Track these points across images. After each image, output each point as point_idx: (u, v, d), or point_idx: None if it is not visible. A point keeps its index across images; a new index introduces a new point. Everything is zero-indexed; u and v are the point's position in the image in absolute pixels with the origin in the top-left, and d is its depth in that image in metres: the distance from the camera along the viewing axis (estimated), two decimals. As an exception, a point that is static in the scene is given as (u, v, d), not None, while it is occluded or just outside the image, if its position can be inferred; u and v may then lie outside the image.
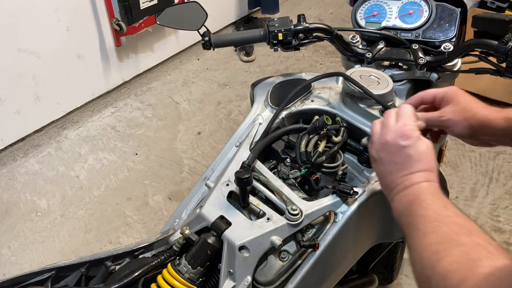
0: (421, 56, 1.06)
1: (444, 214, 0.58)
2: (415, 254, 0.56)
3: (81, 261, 0.86)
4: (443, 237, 0.54)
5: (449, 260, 0.50)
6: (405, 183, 0.65)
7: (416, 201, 0.61)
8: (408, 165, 0.66)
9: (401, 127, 0.69)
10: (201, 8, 1.15)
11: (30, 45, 2.24)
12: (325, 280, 0.94)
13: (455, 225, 0.55)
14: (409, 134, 0.68)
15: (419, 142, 0.68)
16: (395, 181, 0.67)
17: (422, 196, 0.62)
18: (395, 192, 0.67)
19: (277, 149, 1.02)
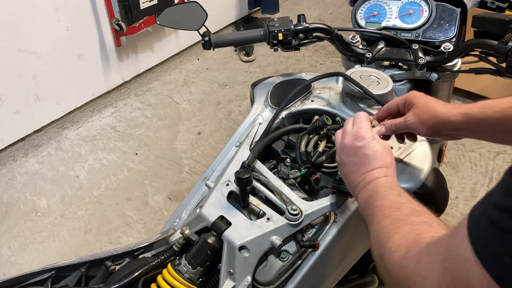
0: (421, 56, 1.06)
1: (397, 201, 0.65)
2: (373, 238, 0.63)
3: (81, 261, 0.86)
4: (395, 219, 0.61)
5: (398, 236, 0.56)
6: (365, 180, 0.71)
7: (374, 194, 0.67)
8: (365, 163, 0.72)
9: (356, 131, 0.76)
10: (201, 8, 1.15)
11: (30, 45, 2.24)
12: (325, 280, 0.94)
13: (407, 209, 0.61)
14: (363, 135, 0.75)
15: (373, 142, 0.74)
16: (356, 180, 0.73)
17: (379, 189, 0.68)
18: (358, 190, 0.72)
19: (277, 149, 1.02)
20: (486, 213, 0.42)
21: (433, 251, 0.49)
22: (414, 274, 0.50)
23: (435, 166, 0.92)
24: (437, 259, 0.47)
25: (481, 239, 0.42)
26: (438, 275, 0.46)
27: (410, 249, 0.53)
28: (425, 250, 0.50)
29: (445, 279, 0.45)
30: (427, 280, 0.48)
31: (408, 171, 0.89)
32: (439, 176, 0.91)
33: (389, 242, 0.57)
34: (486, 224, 0.41)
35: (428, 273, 0.48)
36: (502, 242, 0.40)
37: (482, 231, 0.42)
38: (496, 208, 0.41)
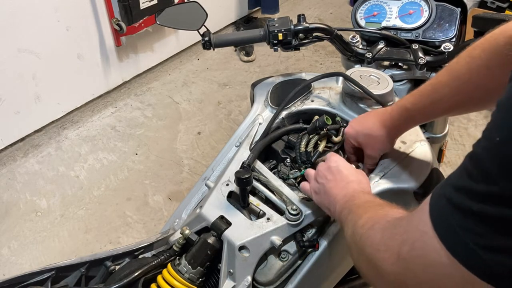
0: (421, 56, 1.06)
1: (371, 199, 0.70)
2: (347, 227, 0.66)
3: (81, 261, 0.86)
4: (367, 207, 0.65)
5: (368, 215, 0.61)
6: (343, 192, 0.75)
7: (350, 199, 0.72)
8: (341, 178, 0.78)
9: (328, 157, 0.83)
10: (201, 8, 1.15)
11: (30, 45, 2.24)
12: (325, 280, 0.94)
13: (380, 203, 0.66)
14: (334, 158, 0.82)
15: (344, 162, 0.81)
16: (335, 193, 0.76)
17: (355, 194, 0.73)
18: (337, 201, 0.75)
19: (277, 149, 1.02)
20: (445, 191, 0.45)
21: (397, 224, 0.53)
22: (379, 243, 0.54)
23: (435, 166, 0.92)
24: (399, 230, 0.51)
25: (439, 215, 0.45)
26: (398, 245, 0.49)
27: (377, 222, 0.57)
28: (390, 224, 0.54)
29: (404, 250, 0.48)
30: (389, 249, 0.51)
31: (408, 171, 0.89)
32: (439, 176, 0.91)
33: (359, 220, 0.62)
34: (443, 201, 0.44)
35: (390, 243, 0.51)
36: (456, 218, 0.42)
37: (440, 208, 0.45)
38: (453, 188, 0.44)
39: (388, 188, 0.87)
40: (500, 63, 0.64)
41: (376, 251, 0.53)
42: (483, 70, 0.68)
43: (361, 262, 0.59)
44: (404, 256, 0.48)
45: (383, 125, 0.86)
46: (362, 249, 0.57)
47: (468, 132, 2.48)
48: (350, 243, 0.64)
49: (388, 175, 0.89)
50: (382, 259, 0.52)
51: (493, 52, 0.65)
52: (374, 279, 0.56)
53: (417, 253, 0.47)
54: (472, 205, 0.40)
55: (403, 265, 0.48)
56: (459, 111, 0.81)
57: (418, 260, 0.46)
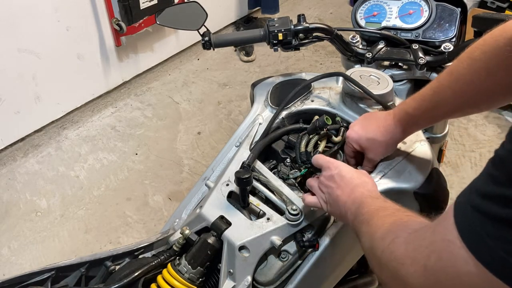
0: (421, 56, 1.06)
1: (383, 205, 0.68)
2: (363, 238, 0.65)
3: (81, 261, 0.86)
4: (382, 216, 0.64)
5: (386, 226, 0.60)
6: (350, 197, 0.73)
7: (360, 205, 0.70)
8: (345, 183, 0.76)
9: (326, 166, 0.81)
10: (201, 8, 1.15)
11: (30, 45, 2.24)
12: (325, 280, 0.94)
13: (393, 209, 0.65)
14: (333, 165, 0.80)
15: (344, 166, 0.80)
16: (343, 200, 0.74)
17: (364, 200, 0.71)
18: (346, 208, 0.73)
19: (277, 149, 1.02)
20: (470, 199, 0.44)
21: (420, 236, 0.51)
22: (403, 257, 0.52)
23: (435, 166, 0.92)
24: (424, 243, 0.49)
25: (466, 224, 0.44)
26: (424, 257, 0.48)
27: (399, 235, 0.55)
28: (412, 235, 0.53)
29: (431, 261, 0.47)
30: (415, 262, 0.50)
31: (408, 171, 0.89)
32: (439, 176, 0.91)
33: (377, 233, 0.60)
34: (469, 210, 0.43)
35: (416, 255, 0.50)
36: (484, 226, 0.41)
37: (466, 217, 0.44)
38: (478, 195, 0.43)
39: (388, 188, 0.87)
40: (500, 64, 0.64)
41: (401, 265, 0.52)
42: (484, 72, 0.67)
43: (384, 275, 0.58)
44: (432, 268, 0.47)
45: (386, 130, 0.86)
46: (386, 264, 0.56)
47: (468, 132, 2.48)
48: (369, 255, 0.63)
49: (388, 175, 0.89)
50: (408, 273, 0.51)
51: (493, 54, 0.65)
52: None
53: (444, 263, 0.46)
54: (501, 211, 0.39)
55: (430, 277, 0.47)
56: (461, 113, 0.80)
57: (446, 270, 0.45)
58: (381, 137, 0.86)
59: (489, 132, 2.47)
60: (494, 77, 0.66)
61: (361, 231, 0.66)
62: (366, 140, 0.88)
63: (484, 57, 0.67)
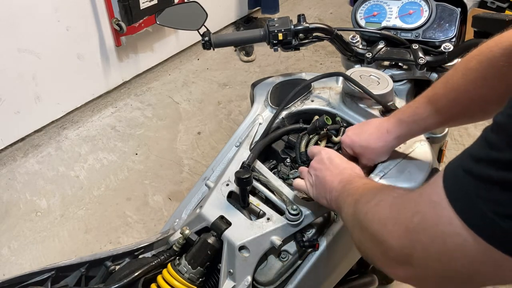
0: (421, 56, 1.06)
1: (369, 181, 0.71)
2: (346, 208, 0.66)
3: (81, 261, 0.86)
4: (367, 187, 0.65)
5: (372, 191, 0.61)
6: (338, 178, 0.76)
7: (347, 184, 0.72)
8: (335, 166, 0.79)
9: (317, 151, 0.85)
10: (201, 8, 1.15)
11: (30, 45, 2.24)
12: (325, 280, 0.94)
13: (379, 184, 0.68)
14: (324, 150, 0.84)
15: (333, 151, 0.84)
16: (332, 180, 0.76)
17: (352, 179, 0.73)
18: (333, 187, 0.75)
19: (277, 149, 1.02)
20: (462, 163, 0.44)
21: (407, 198, 0.51)
22: (386, 218, 0.52)
23: (435, 166, 0.92)
24: (409, 205, 0.50)
25: (455, 186, 0.44)
26: (407, 218, 0.48)
27: (384, 198, 0.56)
28: (398, 198, 0.53)
29: (413, 222, 0.47)
30: (397, 223, 0.50)
31: (408, 171, 0.89)
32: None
33: (363, 198, 0.61)
34: (461, 172, 0.43)
35: (399, 216, 0.50)
36: (475, 188, 0.41)
37: (456, 179, 0.44)
38: (472, 159, 0.43)
39: (388, 188, 0.87)
40: (496, 74, 0.65)
41: (383, 226, 0.52)
42: (479, 82, 0.68)
43: (364, 239, 0.58)
44: (413, 228, 0.47)
45: (379, 138, 0.86)
46: (367, 225, 0.56)
47: (468, 132, 2.48)
48: (351, 222, 0.63)
49: (388, 175, 0.89)
50: (388, 233, 0.51)
51: (489, 64, 0.65)
52: (376, 255, 0.54)
53: (428, 224, 0.46)
54: (494, 173, 0.39)
55: (411, 237, 0.47)
56: (456, 122, 0.81)
57: (428, 231, 0.45)
58: (374, 144, 0.87)
59: (489, 132, 2.46)
60: (489, 87, 0.67)
61: (345, 202, 0.67)
62: (359, 146, 0.89)
63: (479, 67, 0.67)
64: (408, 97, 1.13)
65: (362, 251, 0.60)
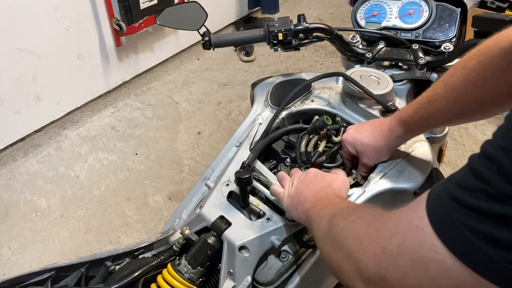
0: (421, 56, 1.06)
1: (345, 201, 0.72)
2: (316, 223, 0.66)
3: (81, 261, 0.86)
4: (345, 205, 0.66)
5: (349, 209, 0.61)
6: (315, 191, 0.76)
7: (323, 197, 0.73)
8: (317, 180, 0.79)
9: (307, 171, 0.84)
10: (201, 8, 1.15)
11: (30, 45, 2.24)
12: (325, 280, 0.94)
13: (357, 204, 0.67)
14: (312, 169, 0.84)
15: (319, 172, 0.83)
16: (307, 193, 0.77)
17: (329, 195, 0.74)
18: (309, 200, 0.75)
19: (277, 149, 1.02)
20: (448, 190, 0.43)
21: (386, 218, 0.50)
22: (363, 235, 0.51)
23: (435, 166, 0.92)
24: (389, 225, 0.48)
25: (439, 212, 0.43)
26: (386, 239, 0.47)
27: (362, 215, 0.55)
28: (377, 217, 0.52)
29: (392, 244, 0.46)
30: (374, 243, 0.48)
31: (408, 171, 0.89)
32: (439, 176, 0.91)
33: (339, 213, 0.60)
34: (446, 198, 0.43)
35: (377, 236, 0.49)
36: (461, 216, 0.41)
37: (441, 205, 0.43)
38: (459, 187, 0.42)
39: (388, 188, 0.87)
40: (495, 74, 0.65)
41: (359, 243, 0.50)
42: (478, 82, 0.68)
43: (335, 255, 0.56)
44: (391, 251, 0.46)
45: (380, 137, 0.86)
46: (342, 241, 0.54)
47: (468, 132, 2.48)
48: (323, 236, 0.62)
49: (388, 175, 0.89)
50: (364, 251, 0.49)
51: (488, 64, 0.65)
52: (348, 273, 0.52)
53: (408, 248, 0.45)
54: (483, 204, 0.39)
55: (388, 259, 0.46)
56: (455, 122, 0.81)
57: (408, 255, 0.44)
58: (375, 143, 0.87)
59: (489, 132, 2.46)
60: (489, 87, 0.67)
61: (318, 215, 0.66)
62: (360, 145, 0.89)
63: (478, 67, 0.67)
64: (408, 97, 1.13)
65: (331, 267, 0.58)
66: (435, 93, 0.76)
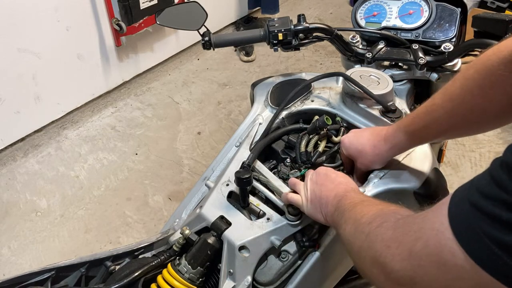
0: (421, 56, 1.06)
1: (367, 198, 0.71)
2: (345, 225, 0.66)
3: (81, 261, 0.86)
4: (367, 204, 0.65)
5: (373, 212, 0.61)
6: (333, 192, 0.77)
7: (342, 198, 0.73)
8: (331, 179, 0.80)
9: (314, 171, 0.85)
10: (201, 8, 1.15)
11: (30, 45, 2.24)
12: (325, 280, 0.94)
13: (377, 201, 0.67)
14: (320, 168, 0.85)
15: (325, 168, 0.85)
16: (328, 195, 0.77)
17: (347, 194, 0.74)
18: (328, 201, 0.76)
19: (277, 149, 1.02)
20: (470, 196, 0.44)
21: (410, 221, 0.51)
22: (390, 240, 0.52)
23: (435, 166, 0.92)
24: (413, 228, 0.50)
25: (460, 218, 0.44)
26: (411, 241, 0.48)
27: (387, 220, 0.56)
28: (402, 220, 0.53)
29: (416, 247, 0.47)
30: (401, 246, 0.50)
31: (408, 171, 0.89)
32: (439, 176, 0.91)
33: (363, 218, 0.61)
34: (467, 205, 0.43)
35: (403, 239, 0.50)
36: (481, 224, 0.41)
37: (462, 211, 0.44)
38: (481, 194, 0.43)
39: (388, 188, 0.87)
40: (494, 83, 0.64)
41: (387, 248, 0.52)
42: (476, 91, 0.67)
43: (364, 260, 0.58)
44: (417, 253, 0.47)
45: (375, 146, 0.86)
46: (370, 246, 0.56)
47: (468, 132, 2.48)
48: (350, 241, 0.63)
49: (388, 175, 0.89)
50: (392, 255, 0.51)
51: (487, 73, 0.65)
52: (378, 276, 0.54)
53: (430, 251, 0.46)
54: (503, 214, 0.40)
55: (414, 262, 0.48)
56: (454, 133, 0.81)
57: (431, 258, 0.46)
58: (369, 150, 0.87)
59: (489, 132, 2.46)
60: (487, 96, 0.66)
61: (343, 217, 0.67)
62: (355, 150, 0.89)
63: (477, 76, 0.67)
64: (408, 97, 1.13)
65: (361, 270, 0.60)
66: (434, 103, 0.76)
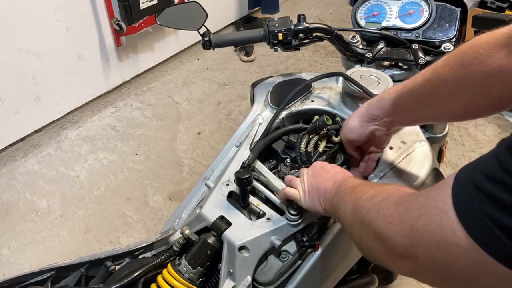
0: (421, 56, 1.06)
1: (366, 182, 0.71)
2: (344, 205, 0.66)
3: (81, 261, 0.86)
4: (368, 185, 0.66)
5: (375, 189, 0.61)
6: (331, 181, 0.77)
7: (342, 184, 0.73)
8: (328, 170, 0.80)
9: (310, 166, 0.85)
10: (201, 8, 1.15)
11: (30, 45, 2.24)
12: (325, 280, 0.94)
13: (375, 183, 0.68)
14: (316, 162, 0.85)
15: (323, 162, 0.85)
16: (326, 185, 0.77)
17: (346, 180, 0.74)
18: (326, 190, 0.76)
19: (277, 149, 1.02)
20: (474, 177, 0.44)
21: (413, 198, 0.51)
22: (392, 216, 0.53)
23: (435, 166, 0.92)
24: (416, 205, 0.50)
25: (463, 198, 0.44)
26: (413, 218, 0.49)
27: (389, 196, 0.56)
28: (404, 198, 0.53)
29: (418, 224, 0.48)
30: (403, 222, 0.50)
31: (408, 171, 0.89)
32: (439, 176, 0.92)
33: (364, 195, 0.61)
34: (471, 186, 0.43)
35: (406, 216, 0.50)
36: (484, 205, 0.41)
37: (465, 191, 0.44)
38: (485, 176, 0.43)
39: (388, 188, 0.87)
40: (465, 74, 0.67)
41: (388, 224, 0.52)
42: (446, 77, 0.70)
43: (366, 236, 0.58)
44: (418, 230, 0.48)
45: (355, 118, 0.88)
46: (371, 222, 0.56)
47: (468, 132, 2.48)
48: (350, 221, 0.63)
49: (388, 175, 0.89)
50: (394, 232, 0.51)
51: (459, 64, 0.68)
52: (379, 251, 0.55)
53: (432, 229, 0.46)
54: (506, 197, 0.40)
55: (416, 238, 0.48)
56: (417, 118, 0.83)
57: (432, 236, 0.46)
58: (351, 123, 0.89)
59: (489, 132, 2.47)
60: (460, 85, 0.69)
61: (343, 200, 0.68)
62: (346, 128, 0.91)
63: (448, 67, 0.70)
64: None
65: (362, 247, 0.61)
66: (405, 85, 0.79)
